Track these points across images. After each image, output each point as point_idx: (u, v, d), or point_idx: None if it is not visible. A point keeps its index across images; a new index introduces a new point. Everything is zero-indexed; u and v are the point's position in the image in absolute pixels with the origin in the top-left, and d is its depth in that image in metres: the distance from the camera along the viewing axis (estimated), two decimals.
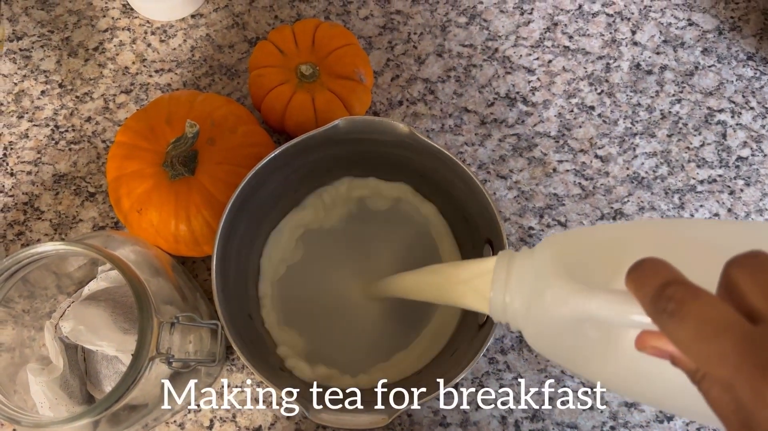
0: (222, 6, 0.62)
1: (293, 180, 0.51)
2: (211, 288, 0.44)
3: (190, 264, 0.55)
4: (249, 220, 0.49)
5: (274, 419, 0.51)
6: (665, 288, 0.22)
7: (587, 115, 0.58)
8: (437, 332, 0.51)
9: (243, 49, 0.60)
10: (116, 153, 0.50)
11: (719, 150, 0.57)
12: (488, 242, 0.47)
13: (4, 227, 0.56)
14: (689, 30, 0.60)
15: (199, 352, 0.43)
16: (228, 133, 0.50)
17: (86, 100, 0.59)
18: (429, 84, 0.59)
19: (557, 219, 0.55)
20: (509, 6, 0.61)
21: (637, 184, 0.56)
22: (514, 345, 0.52)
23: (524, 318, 0.33)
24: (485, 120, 0.58)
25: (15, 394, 0.43)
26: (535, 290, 0.31)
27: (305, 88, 0.53)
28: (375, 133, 0.47)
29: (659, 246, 0.28)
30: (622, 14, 0.61)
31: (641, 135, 0.57)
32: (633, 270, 0.24)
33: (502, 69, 0.59)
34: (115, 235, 0.46)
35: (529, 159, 0.57)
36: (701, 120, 0.58)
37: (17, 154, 0.58)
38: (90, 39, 0.61)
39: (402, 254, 0.52)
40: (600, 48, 0.60)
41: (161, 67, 0.60)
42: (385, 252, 0.52)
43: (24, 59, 0.61)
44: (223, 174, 0.48)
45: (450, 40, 0.60)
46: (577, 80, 0.59)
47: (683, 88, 0.58)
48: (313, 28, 0.54)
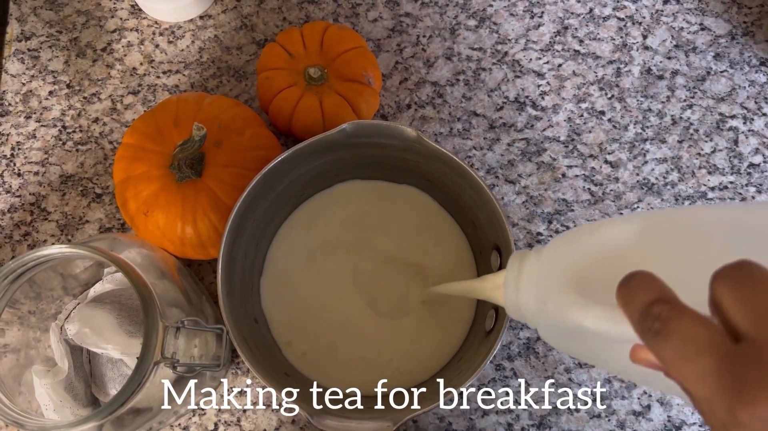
0: (230, 7, 0.61)
1: (300, 183, 0.51)
2: (217, 292, 0.43)
3: (195, 266, 0.55)
4: (255, 223, 0.49)
5: (279, 423, 0.51)
6: (651, 307, 0.23)
7: (597, 119, 0.57)
8: (445, 342, 0.50)
9: (251, 51, 0.60)
10: (123, 155, 0.50)
11: (731, 156, 0.56)
12: (496, 248, 0.47)
13: (11, 227, 0.56)
14: (701, 35, 0.59)
15: (204, 356, 0.43)
16: (235, 135, 0.49)
17: (94, 101, 0.59)
18: (437, 87, 0.59)
19: (566, 225, 0.55)
20: (519, 9, 0.61)
21: (647, 190, 0.56)
22: (521, 352, 0.52)
23: (535, 316, 0.33)
24: (494, 124, 0.57)
25: (20, 395, 0.43)
26: (541, 295, 0.32)
27: (313, 90, 0.52)
28: (383, 137, 0.46)
29: (662, 251, 0.28)
30: (634, 18, 0.60)
31: (652, 140, 0.57)
32: (622, 285, 0.25)
33: (511, 73, 0.59)
34: (122, 238, 0.46)
35: (538, 164, 0.56)
36: (713, 126, 0.57)
37: (24, 154, 0.58)
38: (98, 39, 0.61)
39: (411, 258, 0.52)
40: (611, 52, 0.59)
41: (169, 69, 0.60)
42: (392, 253, 0.52)
43: (32, 59, 0.61)
44: (230, 177, 0.48)
45: (459, 43, 0.60)
46: (588, 85, 0.58)
47: (695, 93, 0.58)
48: (322, 30, 0.54)
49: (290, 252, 0.53)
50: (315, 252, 0.52)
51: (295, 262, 0.52)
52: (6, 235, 0.56)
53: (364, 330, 0.51)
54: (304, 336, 0.51)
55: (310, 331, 0.51)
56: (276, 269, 0.52)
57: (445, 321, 0.50)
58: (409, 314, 0.51)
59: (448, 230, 0.52)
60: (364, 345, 0.50)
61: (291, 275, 0.52)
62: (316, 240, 0.53)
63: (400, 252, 0.52)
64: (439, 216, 0.53)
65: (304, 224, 0.53)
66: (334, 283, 0.52)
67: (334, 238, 0.53)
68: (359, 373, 0.49)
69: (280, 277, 0.52)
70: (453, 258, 0.52)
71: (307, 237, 0.53)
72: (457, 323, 0.50)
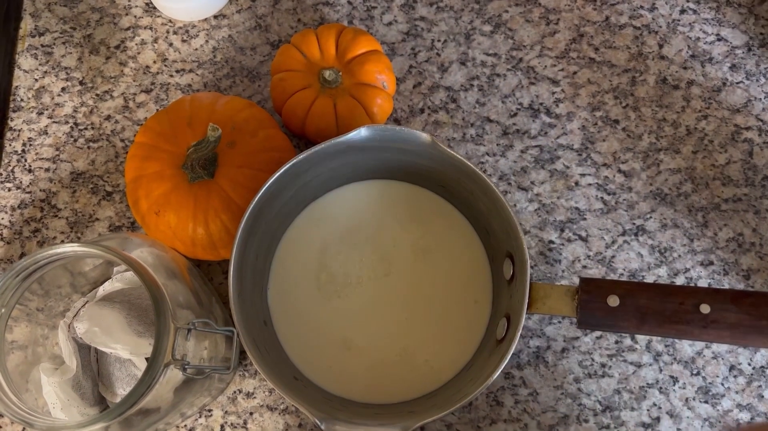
0: (245, 7, 0.61)
1: (313, 185, 0.51)
2: (227, 293, 0.43)
3: (205, 267, 0.54)
4: (267, 226, 0.48)
5: (286, 427, 0.51)
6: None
7: (611, 128, 0.57)
8: (459, 350, 0.50)
9: (265, 52, 0.60)
10: (135, 153, 0.50)
11: (745, 168, 0.56)
12: (509, 256, 0.46)
13: (20, 224, 0.56)
14: (718, 45, 0.59)
15: (214, 359, 0.43)
16: (249, 136, 0.49)
17: (106, 98, 0.59)
18: (451, 92, 0.58)
19: (578, 234, 0.54)
20: (535, 15, 0.60)
21: (660, 200, 0.55)
22: (530, 361, 0.52)
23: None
24: (507, 130, 0.57)
25: (27, 392, 0.43)
26: None
27: (327, 93, 0.52)
28: (397, 142, 0.46)
29: None
30: (650, 27, 0.60)
31: (666, 150, 0.56)
32: None
33: (526, 79, 0.59)
34: (132, 237, 0.46)
35: (551, 171, 0.56)
36: (727, 137, 0.57)
37: (36, 150, 0.58)
38: (112, 37, 0.61)
39: (427, 263, 0.52)
40: (626, 61, 0.59)
41: (182, 68, 0.60)
42: (406, 255, 0.52)
43: (45, 55, 0.60)
44: (242, 178, 0.48)
45: (474, 49, 0.59)
46: (602, 93, 0.58)
47: (710, 104, 0.58)
48: (337, 33, 0.53)
49: (300, 254, 0.52)
50: (325, 253, 0.52)
51: (305, 264, 0.52)
52: (16, 231, 0.56)
53: (375, 336, 0.50)
54: (312, 341, 0.50)
55: (319, 336, 0.50)
56: (285, 271, 0.52)
57: (458, 329, 0.50)
58: (421, 319, 0.50)
59: (464, 235, 0.52)
60: (374, 352, 0.50)
61: (300, 278, 0.52)
62: (326, 241, 0.52)
63: (412, 255, 0.52)
64: (454, 221, 0.52)
65: (315, 224, 0.53)
66: (345, 287, 0.51)
67: (345, 239, 0.52)
68: (369, 380, 0.49)
69: (289, 280, 0.52)
70: (468, 263, 0.51)
71: (318, 237, 0.52)
72: (470, 331, 0.50)
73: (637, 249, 0.54)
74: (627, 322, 0.41)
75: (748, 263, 0.53)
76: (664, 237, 0.54)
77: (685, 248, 0.54)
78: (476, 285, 0.51)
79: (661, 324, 0.40)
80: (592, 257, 0.54)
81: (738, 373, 0.51)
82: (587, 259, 0.54)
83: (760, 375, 0.51)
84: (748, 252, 0.54)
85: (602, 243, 0.54)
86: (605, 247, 0.54)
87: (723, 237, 0.54)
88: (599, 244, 0.54)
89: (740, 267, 0.53)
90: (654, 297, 0.41)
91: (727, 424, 0.50)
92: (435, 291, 0.51)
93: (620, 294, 0.41)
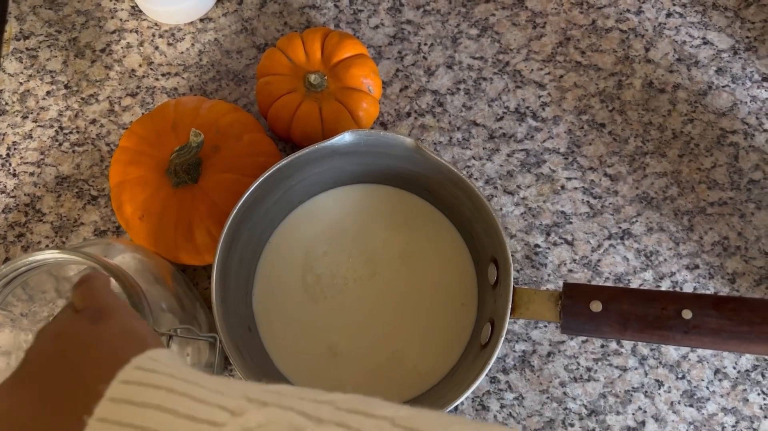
0: (231, 11, 0.61)
1: (298, 190, 0.50)
2: (211, 299, 0.43)
3: (190, 272, 0.54)
4: (252, 230, 0.48)
5: None
6: None
7: (597, 132, 0.57)
8: (443, 356, 0.50)
9: (251, 55, 0.60)
10: (120, 158, 0.50)
11: (731, 172, 0.56)
12: (493, 261, 0.46)
13: (4, 228, 0.56)
14: (704, 49, 0.59)
15: (197, 365, 0.43)
16: (233, 140, 0.49)
17: (92, 102, 0.59)
18: (438, 96, 0.58)
19: (564, 238, 0.54)
20: (522, 19, 0.60)
21: (646, 204, 0.55)
22: (516, 365, 0.52)
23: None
24: (494, 134, 0.57)
25: None
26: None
27: (313, 97, 0.52)
28: (382, 147, 0.46)
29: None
30: (636, 31, 0.60)
31: (652, 154, 0.57)
32: None
33: (512, 83, 0.59)
34: (116, 243, 0.46)
35: (537, 175, 0.56)
36: (713, 141, 0.57)
37: (20, 154, 0.57)
38: (97, 40, 0.61)
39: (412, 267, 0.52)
40: (612, 64, 0.59)
41: (168, 71, 0.59)
42: (390, 260, 0.52)
43: (30, 59, 0.60)
44: (227, 182, 0.48)
45: (461, 52, 0.59)
46: (589, 96, 0.58)
47: (696, 107, 0.58)
48: (323, 36, 0.53)
49: (286, 258, 0.52)
50: (311, 255, 0.52)
51: (290, 267, 0.52)
52: (0, 236, 0.56)
53: (362, 341, 0.50)
54: (298, 347, 0.50)
55: (305, 342, 0.50)
56: (271, 275, 0.52)
57: (445, 332, 0.50)
58: (408, 322, 0.50)
59: (449, 239, 0.52)
60: (359, 357, 0.50)
61: (286, 281, 0.52)
62: (312, 243, 0.52)
63: (398, 259, 0.52)
64: (439, 225, 0.52)
65: (300, 228, 0.52)
66: (331, 288, 0.51)
67: (331, 241, 0.52)
68: (354, 386, 0.49)
69: (275, 284, 0.52)
70: (453, 266, 0.51)
71: (303, 240, 0.52)
72: (457, 335, 0.50)
73: (623, 252, 0.54)
74: (610, 327, 0.41)
75: (734, 267, 0.54)
76: (650, 241, 0.54)
77: (671, 252, 0.54)
78: (462, 288, 0.51)
79: (644, 329, 0.41)
80: (578, 261, 0.54)
81: (723, 377, 0.51)
82: (573, 263, 0.54)
83: (745, 379, 0.51)
84: (734, 256, 0.54)
85: (588, 247, 0.54)
86: (591, 251, 0.54)
87: (708, 241, 0.54)
88: (585, 248, 0.54)
89: (725, 270, 0.54)
90: (637, 302, 0.41)
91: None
92: (421, 294, 0.51)
93: (603, 299, 0.41)
